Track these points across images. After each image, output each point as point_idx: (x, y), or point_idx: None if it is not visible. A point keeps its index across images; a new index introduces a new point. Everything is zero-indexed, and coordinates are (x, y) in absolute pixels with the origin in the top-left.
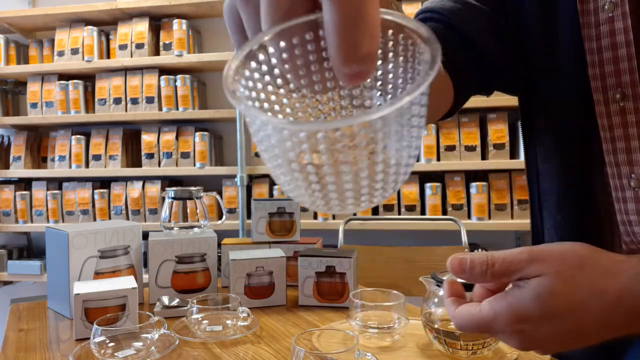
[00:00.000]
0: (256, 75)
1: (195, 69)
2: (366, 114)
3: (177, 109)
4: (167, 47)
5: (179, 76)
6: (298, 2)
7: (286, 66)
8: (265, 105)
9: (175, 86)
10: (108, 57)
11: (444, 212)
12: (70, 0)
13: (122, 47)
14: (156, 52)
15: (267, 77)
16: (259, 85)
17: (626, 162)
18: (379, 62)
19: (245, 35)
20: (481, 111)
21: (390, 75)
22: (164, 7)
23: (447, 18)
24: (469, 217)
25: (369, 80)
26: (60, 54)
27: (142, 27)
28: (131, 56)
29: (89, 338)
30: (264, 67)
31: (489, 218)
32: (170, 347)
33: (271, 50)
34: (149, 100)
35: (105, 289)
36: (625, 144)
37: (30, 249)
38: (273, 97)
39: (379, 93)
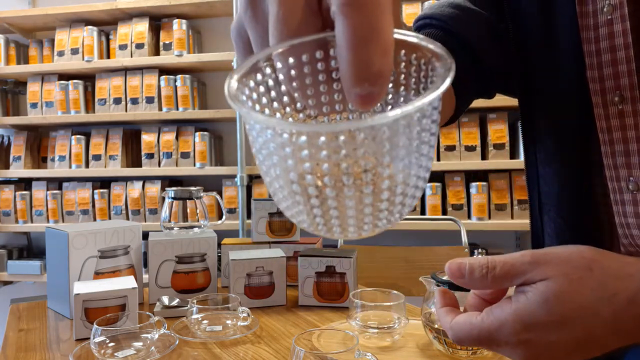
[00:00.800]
0: (261, 89)
1: (195, 69)
2: (372, 118)
3: (177, 109)
4: (167, 47)
5: (179, 76)
6: (308, 20)
7: (294, 84)
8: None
9: (175, 86)
10: (108, 57)
11: (444, 212)
12: (70, 0)
13: (122, 47)
14: (156, 52)
15: (272, 93)
16: (264, 100)
17: (624, 165)
18: (390, 85)
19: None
20: (481, 111)
21: (402, 100)
22: (164, 7)
23: (446, 24)
24: (469, 217)
25: (379, 104)
26: (60, 54)
27: (142, 27)
28: (131, 56)
29: (89, 338)
30: (270, 82)
31: (489, 218)
32: (170, 347)
33: (279, 65)
34: (149, 100)
35: (105, 289)
36: (623, 147)
37: (30, 249)
38: (278, 115)
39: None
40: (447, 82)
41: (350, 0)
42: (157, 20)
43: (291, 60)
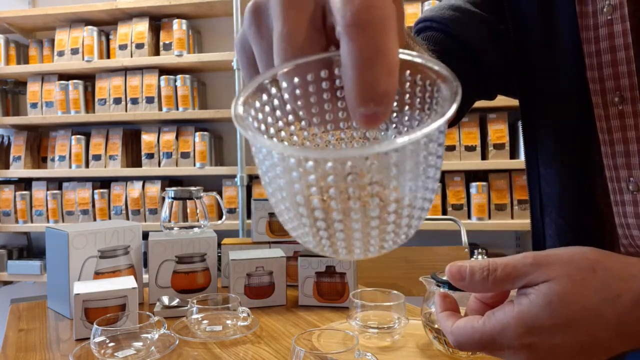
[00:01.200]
0: (267, 108)
1: (195, 69)
2: (379, 145)
3: (177, 109)
4: (167, 47)
5: (179, 76)
6: (312, 38)
7: (299, 103)
8: (274, 141)
9: (175, 86)
10: (108, 57)
11: (444, 212)
12: (70, 0)
13: (122, 47)
14: (156, 52)
15: (278, 112)
16: (269, 120)
17: (624, 165)
18: (395, 104)
19: (257, 70)
20: (481, 111)
21: (406, 118)
22: (164, 7)
23: (446, 27)
24: (469, 217)
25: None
26: (60, 54)
27: (142, 27)
28: (131, 56)
29: (89, 338)
30: (276, 102)
31: (489, 218)
32: (170, 347)
33: (284, 85)
34: (149, 100)
35: (105, 289)
36: (623, 148)
37: (30, 249)
38: (283, 134)
39: (393, 136)
40: (454, 107)
41: (356, 22)
42: (157, 20)
43: (296, 79)
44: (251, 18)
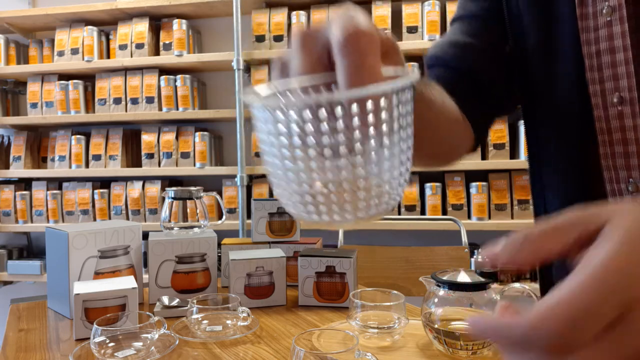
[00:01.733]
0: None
1: (195, 69)
2: (348, 92)
3: (177, 109)
4: (167, 47)
5: (179, 76)
6: (318, 62)
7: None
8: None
9: (175, 86)
10: (108, 57)
11: (444, 212)
12: (70, 0)
13: (122, 47)
14: (156, 52)
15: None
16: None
17: (624, 166)
18: None
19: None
20: None
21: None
22: (164, 7)
23: (451, 63)
24: (469, 217)
25: None
26: (60, 54)
27: (142, 27)
28: (131, 56)
29: (89, 338)
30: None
31: (489, 218)
32: (170, 347)
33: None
34: (149, 100)
35: (105, 289)
36: (623, 148)
37: (30, 249)
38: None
39: None
40: (410, 76)
41: (346, 42)
42: (157, 20)
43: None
44: (278, 64)
